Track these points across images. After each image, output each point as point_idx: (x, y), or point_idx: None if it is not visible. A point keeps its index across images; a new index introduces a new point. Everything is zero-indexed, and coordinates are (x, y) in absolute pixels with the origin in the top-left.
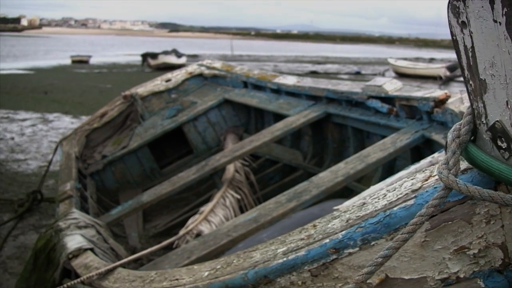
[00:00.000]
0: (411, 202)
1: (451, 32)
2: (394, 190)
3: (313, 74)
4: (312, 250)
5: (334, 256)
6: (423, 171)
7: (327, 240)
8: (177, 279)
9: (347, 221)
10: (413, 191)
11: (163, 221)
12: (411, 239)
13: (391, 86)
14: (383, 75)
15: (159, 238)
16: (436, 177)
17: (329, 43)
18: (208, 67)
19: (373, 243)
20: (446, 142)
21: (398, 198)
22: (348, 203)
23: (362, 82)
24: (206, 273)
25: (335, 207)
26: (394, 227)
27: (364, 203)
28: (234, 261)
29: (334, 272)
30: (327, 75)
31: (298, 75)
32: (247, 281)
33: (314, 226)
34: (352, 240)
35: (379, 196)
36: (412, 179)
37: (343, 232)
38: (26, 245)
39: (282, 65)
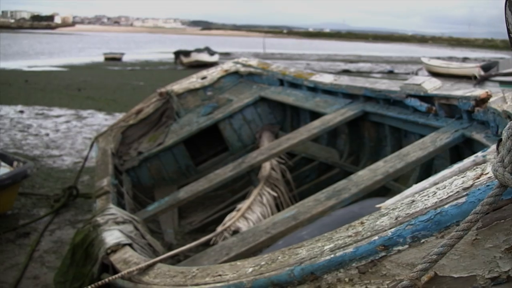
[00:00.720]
0: (463, 200)
1: (508, 30)
2: (444, 188)
3: (346, 72)
4: (361, 247)
5: (383, 253)
6: (474, 169)
7: (376, 237)
8: (220, 275)
9: (396, 218)
10: (465, 189)
11: (198, 218)
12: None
13: (430, 84)
14: (416, 74)
15: (195, 234)
16: (489, 174)
17: (362, 41)
18: (244, 65)
19: (422, 240)
20: (500, 140)
21: (449, 196)
22: (390, 201)
23: (395, 81)
24: (250, 269)
25: (378, 205)
26: (445, 225)
27: (413, 201)
28: (279, 257)
29: (382, 269)
30: (359, 74)
31: (331, 73)
32: (293, 278)
33: (362, 223)
34: (401, 238)
35: (428, 194)
36: (462, 177)
37: (393, 230)
38: (63, 239)
39: (315, 63)
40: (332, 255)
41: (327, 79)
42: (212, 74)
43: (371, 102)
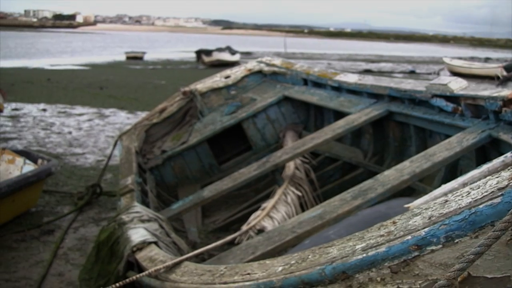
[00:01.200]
0: (498, 200)
1: None
2: (478, 188)
3: (367, 72)
4: (393, 247)
5: (416, 253)
6: (508, 169)
7: (409, 237)
8: (248, 274)
9: (429, 218)
10: (500, 189)
11: (222, 217)
12: None
13: (456, 84)
14: (438, 74)
15: (218, 233)
16: None
17: (383, 41)
18: (267, 64)
19: (456, 240)
20: None
21: (484, 196)
22: (419, 201)
23: (420, 81)
24: (280, 268)
25: (406, 205)
26: (479, 225)
27: (446, 201)
28: (310, 256)
29: (415, 269)
30: (381, 73)
31: (354, 73)
32: (324, 277)
33: (394, 223)
34: (435, 237)
35: (462, 194)
36: (497, 177)
37: (426, 229)
38: (87, 237)
39: (336, 63)
40: (364, 254)
41: (351, 78)
42: (236, 73)
43: (396, 102)
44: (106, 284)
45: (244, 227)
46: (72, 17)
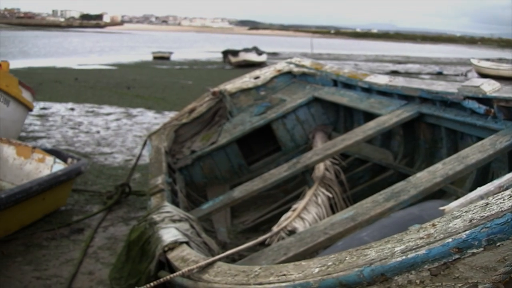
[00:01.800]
0: None
1: None
2: None
3: (394, 73)
4: (434, 249)
5: (457, 256)
6: None
7: (450, 240)
8: (284, 275)
9: (470, 221)
10: None
11: (251, 217)
12: None
13: (489, 87)
14: (465, 75)
15: (247, 234)
16: None
17: (409, 42)
18: (297, 65)
19: (498, 243)
20: None
21: None
22: (455, 204)
23: (452, 83)
24: (317, 270)
25: (441, 208)
26: None
27: (487, 204)
28: (347, 258)
29: (455, 272)
30: (408, 75)
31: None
32: (363, 279)
33: (433, 225)
34: (476, 240)
35: (503, 197)
36: None
37: (467, 232)
38: (116, 236)
39: (363, 64)
40: (404, 257)
41: (382, 80)
42: (265, 74)
43: (427, 104)
44: (137, 283)
45: (275, 228)
46: (99, 17)
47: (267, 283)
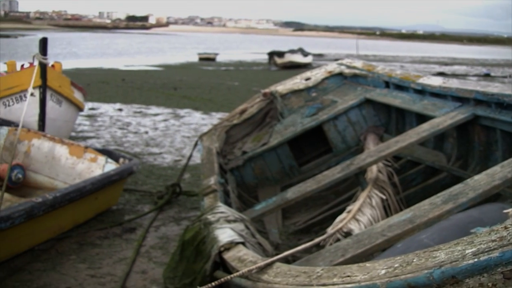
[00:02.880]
0: None
1: None
2: None
3: (441, 75)
4: (507, 252)
5: None
6: None
7: None
8: (348, 276)
9: None
10: None
11: (302, 219)
12: None
13: None
14: None
15: (299, 235)
16: None
17: (456, 44)
18: (348, 67)
19: None
20: None
21: None
22: None
23: (508, 85)
24: (383, 271)
25: (506, 211)
26: None
27: None
28: (414, 260)
29: None
30: (455, 76)
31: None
32: (432, 281)
33: (506, 228)
34: None
35: None
36: None
37: None
38: (168, 236)
39: (408, 65)
40: (476, 259)
41: (435, 81)
42: (316, 75)
43: (482, 106)
44: (192, 283)
45: (330, 230)
46: (145, 18)
47: (330, 284)
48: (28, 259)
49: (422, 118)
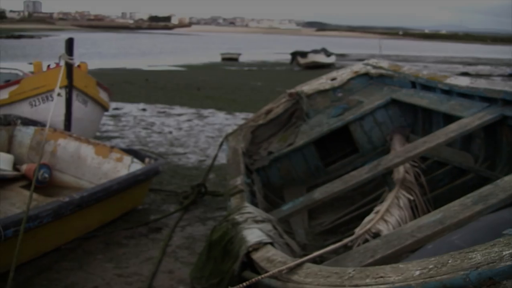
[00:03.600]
0: None
1: None
2: None
3: (465, 75)
4: None
5: None
6: None
7: None
8: (381, 277)
9: None
10: None
11: (328, 219)
12: None
13: None
14: None
15: (325, 235)
16: None
17: (479, 43)
18: (374, 67)
19: None
20: None
21: None
22: None
23: None
24: (418, 272)
25: None
26: None
27: None
28: (450, 261)
29: None
30: (479, 77)
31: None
32: (469, 282)
33: None
34: None
35: None
36: None
37: None
38: (194, 236)
39: (432, 65)
40: None
41: (463, 81)
42: (342, 75)
43: (510, 106)
44: (220, 283)
45: (359, 230)
46: (168, 18)
47: (363, 285)
48: (55, 258)
49: (449, 118)
